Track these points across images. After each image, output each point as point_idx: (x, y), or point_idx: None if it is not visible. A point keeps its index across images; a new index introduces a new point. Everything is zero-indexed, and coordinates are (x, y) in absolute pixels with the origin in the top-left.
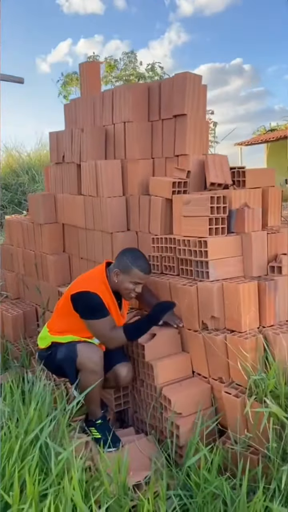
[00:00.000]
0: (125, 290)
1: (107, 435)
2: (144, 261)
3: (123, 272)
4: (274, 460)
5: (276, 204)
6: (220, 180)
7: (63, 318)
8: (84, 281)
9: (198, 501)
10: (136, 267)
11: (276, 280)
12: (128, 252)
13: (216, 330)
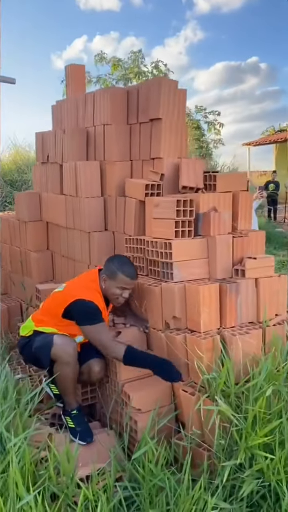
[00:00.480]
0: (113, 295)
1: (82, 426)
2: (130, 267)
3: (110, 277)
4: (220, 456)
5: (247, 208)
6: (192, 184)
7: (50, 318)
8: (80, 290)
9: (144, 493)
10: (122, 272)
11: (239, 283)
12: (115, 258)
13: (178, 330)
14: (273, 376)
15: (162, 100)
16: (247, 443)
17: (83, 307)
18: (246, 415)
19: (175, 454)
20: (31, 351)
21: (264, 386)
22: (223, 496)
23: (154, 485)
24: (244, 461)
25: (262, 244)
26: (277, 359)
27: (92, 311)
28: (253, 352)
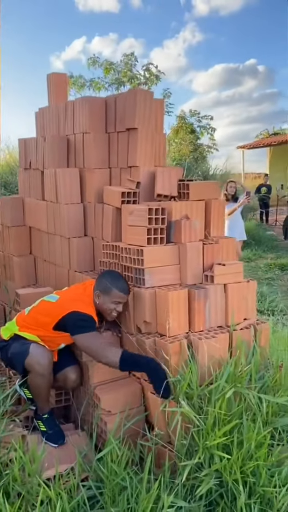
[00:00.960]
0: (108, 310)
1: (53, 429)
2: (123, 282)
3: (103, 293)
4: (181, 456)
5: (219, 216)
6: (166, 192)
7: (37, 326)
8: (76, 303)
9: (107, 492)
10: (115, 287)
11: (207, 289)
12: (107, 274)
13: (149, 334)
14: (235, 378)
15: (137, 111)
16: (206, 443)
17: (78, 317)
18: (207, 416)
19: (141, 454)
20: (7, 354)
21: (225, 388)
22: (183, 495)
23: (117, 484)
24: (204, 461)
25: (233, 250)
26: (241, 362)
27: (87, 320)
28: (219, 356)
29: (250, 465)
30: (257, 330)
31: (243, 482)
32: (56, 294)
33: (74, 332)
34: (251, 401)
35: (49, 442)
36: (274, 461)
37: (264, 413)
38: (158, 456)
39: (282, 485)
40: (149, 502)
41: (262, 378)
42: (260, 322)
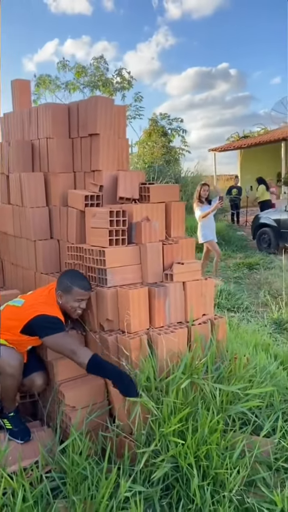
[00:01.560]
0: (71, 308)
1: (19, 426)
2: (83, 279)
3: (65, 292)
4: (140, 445)
5: (179, 217)
6: (128, 195)
7: (4, 330)
8: (41, 305)
9: (69, 482)
10: (76, 286)
11: (167, 287)
12: (67, 274)
13: (111, 331)
14: (192, 370)
15: (99, 117)
16: (162, 430)
17: (45, 319)
18: (164, 406)
19: (104, 446)
20: None
21: (182, 379)
22: (141, 480)
23: (79, 474)
24: (161, 448)
25: (192, 250)
26: (197, 355)
27: (54, 321)
28: (177, 349)
29: (203, 449)
30: (214, 325)
31: (197, 466)
32: (21, 298)
33: (43, 334)
34: (206, 391)
35: (15, 439)
36: (226, 445)
37: (218, 401)
38: (119, 447)
39: (233, 467)
40: (107, 488)
41: (218, 369)
42: (218, 317)
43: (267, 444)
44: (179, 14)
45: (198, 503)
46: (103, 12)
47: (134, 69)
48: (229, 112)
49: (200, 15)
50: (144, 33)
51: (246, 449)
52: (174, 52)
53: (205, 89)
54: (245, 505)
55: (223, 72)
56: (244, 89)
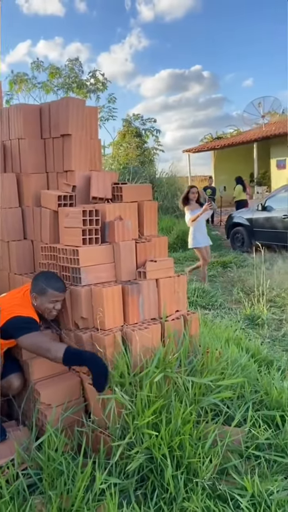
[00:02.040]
0: (47, 310)
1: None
2: (57, 280)
3: (40, 294)
4: (115, 438)
5: (152, 216)
6: (101, 195)
7: None
8: (15, 307)
9: (45, 478)
10: (50, 288)
11: (140, 284)
12: (41, 275)
13: (86, 329)
14: (165, 364)
15: (70, 118)
16: (136, 423)
17: (20, 320)
18: (138, 399)
19: (80, 442)
20: None
21: (155, 373)
22: (116, 473)
23: (55, 469)
24: (135, 440)
25: (165, 248)
26: (171, 350)
27: (29, 322)
28: (151, 345)
29: (176, 440)
30: (187, 320)
31: (171, 456)
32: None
33: (17, 335)
34: (179, 384)
35: None
36: (199, 435)
37: (191, 393)
38: (95, 442)
39: (206, 456)
40: (83, 481)
41: (191, 363)
42: (191, 313)
43: (238, 433)
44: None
45: (172, 492)
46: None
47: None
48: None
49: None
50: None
51: (218, 438)
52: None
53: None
54: (217, 492)
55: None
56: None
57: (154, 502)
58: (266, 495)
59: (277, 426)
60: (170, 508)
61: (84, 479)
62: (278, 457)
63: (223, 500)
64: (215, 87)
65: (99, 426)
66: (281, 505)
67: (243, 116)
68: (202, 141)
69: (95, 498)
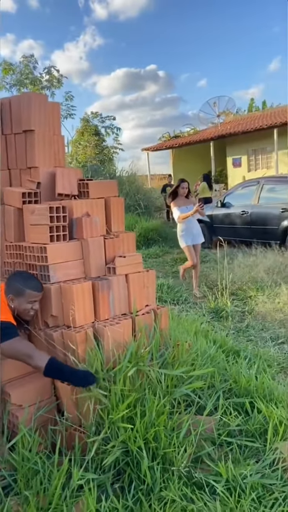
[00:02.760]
0: (25, 311)
1: None
2: (34, 280)
3: (17, 296)
4: (90, 434)
5: (118, 212)
6: (67, 191)
7: None
8: None
9: (20, 478)
10: (28, 288)
11: (110, 280)
12: (16, 276)
13: (56, 327)
14: (137, 358)
15: (33, 113)
16: (111, 417)
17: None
18: (112, 394)
19: (54, 441)
20: None
21: (128, 367)
22: (92, 469)
23: (29, 469)
24: (111, 434)
25: (133, 243)
26: (142, 344)
27: (7, 327)
28: (123, 340)
29: (151, 432)
30: (157, 314)
31: (146, 448)
32: None
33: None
34: (152, 377)
35: None
36: (173, 426)
37: (164, 385)
38: (69, 439)
39: (180, 446)
40: (60, 479)
41: (162, 356)
42: (160, 307)
43: (210, 421)
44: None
45: (149, 483)
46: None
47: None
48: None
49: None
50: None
51: (191, 428)
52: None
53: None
54: (193, 480)
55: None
56: (173, 91)
57: (132, 494)
58: (240, 479)
59: (246, 413)
60: (148, 499)
61: (61, 476)
62: (249, 442)
63: (199, 487)
64: (170, 87)
65: (73, 423)
66: (254, 488)
67: (199, 115)
68: (160, 139)
69: (73, 495)
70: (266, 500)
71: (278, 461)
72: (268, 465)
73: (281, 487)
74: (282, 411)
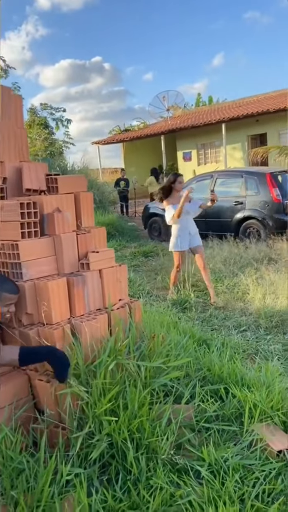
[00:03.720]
0: (1, 314)
1: None
2: (9, 283)
3: None
4: (73, 430)
5: (88, 207)
6: (35, 186)
7: None
8: None
9: (5, 479)
10: (4, 291)
11: (84, 275)
12: None
13: (31, 325)
14: (116, 352)
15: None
16: (95, 411)
17: None
18: (94, 388)
19: (35, 439)
20: None
21: (108, 361)
22: (78, 463)
23: (14, 469)
24: (94, 428)
25: (104, 238)
26: (120, 338)
27: None
28: (100, 335)
29: (135, 423)
30: (131, 308)
31: (131, 439)
32: None
33: None
34: (131, 369)
35: None
36: (154, 416)
37: (143, 377)
38: (51, 437)
39: (163, 434)
40: (48, 475)
41: (139, 348)
42: (133, 300)
43: (189, 409)
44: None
45: (135, 473)
46: None
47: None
48: (106, 106)
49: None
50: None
51: (172, 417)
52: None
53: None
54: (177, 466)
55: (97, 66)
56: (119, 84)
57: (120, 485)
58: (222, 462)
59: (221, 399)
60: (136, 488)
61: (48, 473)
62: (226, 426)
63: (184, 473)
64: (117, 80)
65: (54, 420)
66: (236, 469)
67: (148, 109)
68: (110, 133)
69: (61, 491)
70: (248, 480)
71: (255, 442)
72: (247, 446)
73: (261, 466)
74: (256, 395)
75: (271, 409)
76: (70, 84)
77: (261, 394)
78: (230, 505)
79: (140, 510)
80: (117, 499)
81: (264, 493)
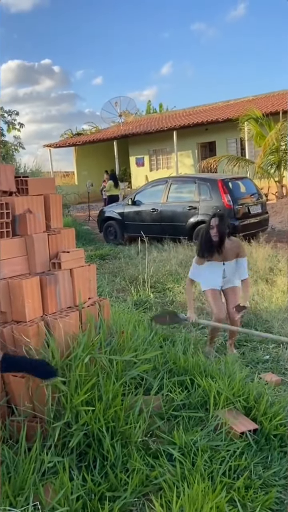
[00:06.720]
0: None
1: None
2: None
3: None
4: (51, 421)
5: (57, 209)
6: (4, 188)
7: None
8: None
9: None
10: None
11: (56, 274)
12: None
13: (5, 323)
14: (89, 347)
15: None
16: (71, 403)
17: None
18: (70, 381)
19: (12, 433)
20: None
21: (82, 356)
22: (56, 453)
23: None
24: (71, 419)
25: (73, 239)
26: (92, 333)
27: None
28: (72, 331)
29: (110, 412)
30: (100, 306)
31: (106, 428)
32: None
33: None
34: (104, 363)
35: None
36: (127, 405)
37: (115, 370)
38: (29, 430)
39: (135, 422)
40: (30, 464)
41: (110, 344)
42: (102, 299)
43: (158, 399)
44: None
45: (111, 458)
46: None
47: None
48: (55, 109)
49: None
50: None
51: (143, 406)
52: None
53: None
54: (150, 451)
55: (47, 68)
56: (69, 87)
57: (98, 470)
58: (192, 444)
59: (187, 389)
60: (114, 472)
61: (31, 461)
62: (193, 413)
63: (156, 457)
64: (66, 83)
65: (30, 414)
66: (204, 450)
67: (101, 114)
68: (62, 136)
69: (43, 479)
70: (216, 459)
71: (220, 426)
72: (213, 430)
73: (226, 446)
74: (219, 383)
75: (233, 396)
76: (19, 85)
77: (224, 382)
78: (201, 482)
79: (118, 491)
80: (96, 483)
81: (231, 470)
